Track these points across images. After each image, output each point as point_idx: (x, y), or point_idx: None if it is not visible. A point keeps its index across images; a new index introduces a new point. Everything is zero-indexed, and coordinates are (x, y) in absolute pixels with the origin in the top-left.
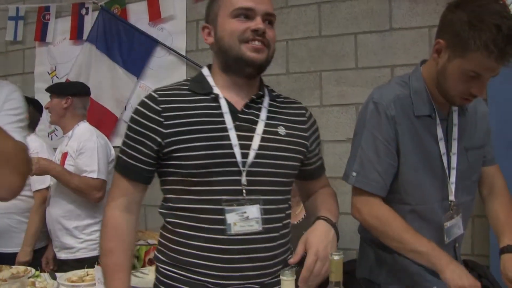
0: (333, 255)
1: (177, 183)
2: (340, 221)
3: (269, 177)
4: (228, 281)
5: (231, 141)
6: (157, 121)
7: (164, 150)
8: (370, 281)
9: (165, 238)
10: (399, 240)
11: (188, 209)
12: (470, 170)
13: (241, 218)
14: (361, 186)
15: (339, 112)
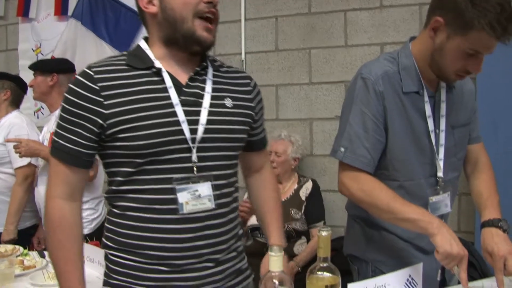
0: (321, 231)
1: (123, 164)
2: (328, 198)
3: (219, 152)
4: (182, 261)
5: (178, 117)
6: (96, 102)
7: (106, 132)
8: (358, 258)
9: (113, 223)
10: (389, 210)
11: (137, 190)
12: (456, 147)
13: (193, 196)
14: (349, 161)
15: (328, 89)
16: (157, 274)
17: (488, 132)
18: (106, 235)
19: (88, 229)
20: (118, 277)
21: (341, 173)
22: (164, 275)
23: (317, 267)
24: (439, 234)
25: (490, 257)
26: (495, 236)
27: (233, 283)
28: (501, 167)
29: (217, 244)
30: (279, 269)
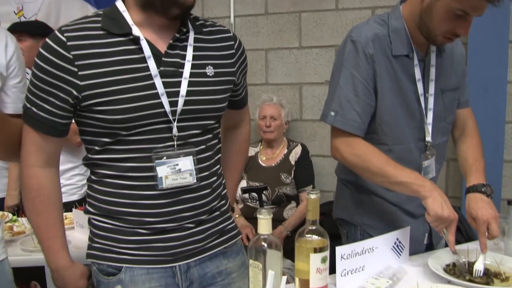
0: (309, 194)
1: (100, 135)
2: (318, 163)
3: (200, 122)
4: (162, 225)
5: (158, 90)
6: (70, 71)
7: (82, 104)
8: (347, 222)
9: (93, 189)
10: (382, 174)
11: (114, 159)
12: (445, 111)
13: (173, 171)
14: (339, 125)
15: (318, 54)
16: (137, 237)
17: (478, 98)
18: (87, 201)
19: (78, 195)
20: (100, 240)
21: (333, 138)
22: (144, 237)
23: (305, 230)
24: (430, 197)
25: (474, 222)
26: (479, 201)
27: (216, 243)
28: (490, 133)
29: (198, 207)
30: (267, 232)
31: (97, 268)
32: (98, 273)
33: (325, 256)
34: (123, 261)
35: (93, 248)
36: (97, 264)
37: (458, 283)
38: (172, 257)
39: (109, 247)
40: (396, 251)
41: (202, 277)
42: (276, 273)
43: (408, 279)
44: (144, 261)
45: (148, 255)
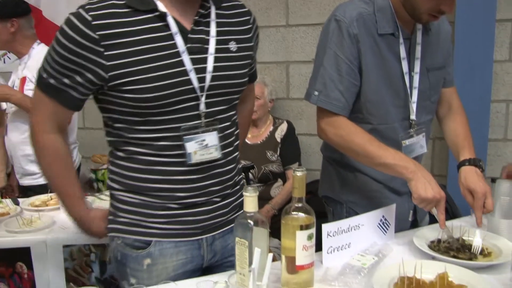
0: (295, 171)
1: (128, 114)
2: (305, 142)
3: (226, 97)
4: (191, 199)
5: (186, 67)
6: (96, 52)
7: (108, 84)
8: (332, 199)
9: (119, 166)
10: (365, 154)
11: (144, 138)
12: (431, 90)
13: (200, 146)
14: (323, 105)
15: (305, 32)
16: (167, 211)
17: (465, 77)
18: (111, 177)
19: None
20: (126, 215)
21: (319, 118)
22: (174, 212)
23: (291, 208)
24: (414, 179)
25: (470, 194)
26: (476, 175)
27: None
28: (475, 112)
29: (224, 181)
30: (254, 209)
31: (122, 242)
32: (124, 247)
33: (311, 233)
34: (152, 235)
35: (117, 223)
36: (122, 238)
37: (442, 259)
38: (200, 230)
39: (137, 221)
40: (382, 228)
41: (224, 248)
42: (263, 251)
43: (393, 255)
44: (173, 234)
45: (177, 228)
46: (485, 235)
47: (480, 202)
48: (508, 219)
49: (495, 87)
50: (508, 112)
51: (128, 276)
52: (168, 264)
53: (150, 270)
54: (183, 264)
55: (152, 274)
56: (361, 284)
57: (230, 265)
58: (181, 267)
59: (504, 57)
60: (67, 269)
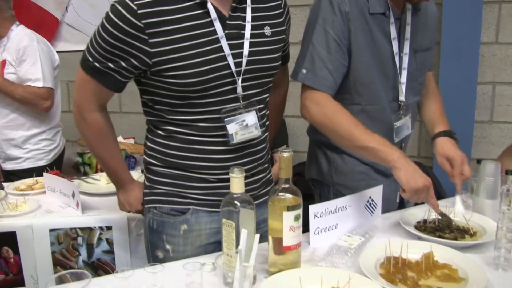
0: (282, 152)
1: (169, 97)
2: (292, 124)
3: (260, 80)
4: (227, 176)
5: (224, 52)
6: (141, 39)
7: (152, 69)
8: (319, 182)
9: (158, 143)
10: (349, 137)
11: (185, 120)
12: (418, 72)
13: (241, 126)
14: (310, 83)
15: (293, 13)
16: (203, 183)
17: (451, 58)
18: (149, 153)
19: (45, 160)
20: (163, 187)
21: (303, 96)
22: (210, 184)
23: (278, 189)
24: (401, 168)
25: (448, 162)
26: (452, 145)
27: (264, 192)
28: (462, 94)
29: (258, 159)
30: (240, 190)
31: (159, 211)
32: (160, 215)
33: (298, 214)
34: (189, 204)
35: (155, 194)
36: (159, 208)
37: (428, 239)
38: None
39: (175, 192)
40: (369, 209)
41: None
42: (249, 232)
43: (380, 236)
44: (208, 204)
45: (213, 200)
46: (471, 216)
47: (459, 169)
48: (492, 200)
49: (482, 69)
50: (494, 94)
51: (163, 243)
52: (203, 231)
53: (186, 236)
54: (215, 233)
55: (187, 240)
56: (347, 264)
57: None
58: (213, 236)
59: (491, 39)
60: (54, 253)
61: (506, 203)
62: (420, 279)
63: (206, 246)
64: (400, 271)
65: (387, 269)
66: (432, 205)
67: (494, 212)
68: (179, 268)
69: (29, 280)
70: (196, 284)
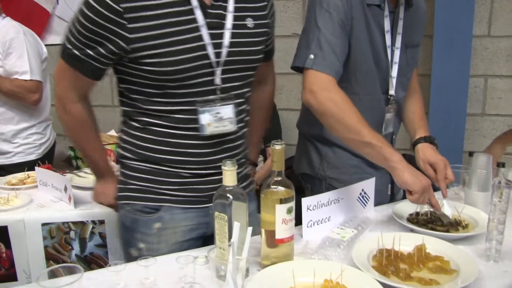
0: (274, 145)
1: (146, 86)
2: (285, 117)
3: (240, 73)
4: (203, 171)
5: (204, 41)
6: (119, 24)
7: (129, 55)
8: (311, 176)
9: (133, 136)
10: (356, 131)
11: (161, 110)
12: (407, 67)
13: (215, 118)
14: (319, 68)
15: (285, 6)
16: (178, 179)
17: (444, 51)
18: (123, 146)
19: (36, 154)
20: (137, 182)
21: (308, 81)
22: (185, 179)
23: (271, 181)
24: (404, 170)
25: (431, 168)
26: (433, 150)
27: (242, 186)
28: (454, 87)
29: (235, 155)
30: (232, 183)
31: (132, 208)
32: (133, 212)
33: (290, 206)
34: (163, 201)
35: (128, 190)
36: (132, 205)
37: (420, 231)
38: (208, 198)
39: (148, 188)
40: (361, 202)
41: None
42: (242, 225)
43: (372, 228)
44: (182, 201)
45: (187, 196)
46: (463, 208)
47: (443, 174)
48: (484, 192)
49: (474, 62)
50: (486, 87)
51: (137, 242)
52: (178, 229)
53: (160, 234)
54: (191, 230)
55: (161, 238)
56: (340, 256)
57: None
58: (189, 233)
59: (483, 32)
60: (46, 247)
61: (497, 195)
62: (412, 271)
63: (181, 243)
64: (392, 263)
65: (380, 261)
66: (434, 204)
67: (486, 205)
68: (172, 261)
69: (22, 275)
70: (189, 277)
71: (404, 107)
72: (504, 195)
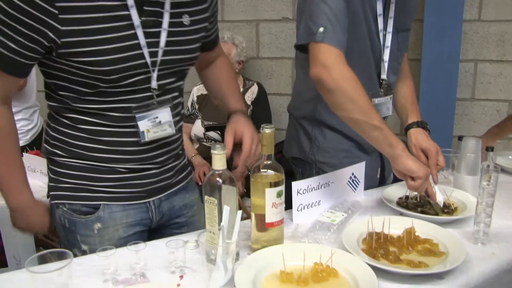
0: (264, 129)
1: (76, 83)
2: (275, 102)
3: (177, 70)
4: (140, 166)
5: (139, 41)
6: (49, 13)
7: (59, 50)
8: (301, 160)
9: (62, 133)
10: (367, 113)
11: (94, 108)
12: (398, 51)
13: (153, 123)
14: (330, 42)
15: None
16: (115, 175)
17: (435, 36)
18: (52, 143)
19: (24, 141)
20: (70, 180)
21: (320, 55)
22: (122, 175)
23: (261, 165)
24: (408, 157)
25: (423, 153)
26: (425, 136)
27: (180, 178)
28: (445, 71)
29: (172, 150)
30: (222, 167)
31: (68, 208)
32: (70, 214)
33: (280, 190)
34: (101, 199)
35: (61, 189)
36: (67, 205)
37: (409, 215)
38: (147, 193)
39: (83, 186)
40: (352, 186)
41: (171, 209)
42: (232, 209)
43: (362, 212)
44: (121, 198)
45: (125, 192)
46: (452, 191)
47: (435, 160)
48: (473, 176)
49: (464, 47)
50: (476, 72)
51: (78, 243)
52: (119, 226)
53: (101, 234)
54: (133, 226)
55: (104, 237)
56: (330, 240)
57: (177, 226)
58: (131, 228)
59: (473, 17)
60: (36, 234)
61: (486, 179)
62: (401, 254)
63: (126, 238)
64: (382, 246)
65: (369, 245)
66: (430, 194)
67: (474, 188)
68: (162, 246)
69: (12, 261)
70: (179, 262)
71: (396, 92)
72: (493, 178)
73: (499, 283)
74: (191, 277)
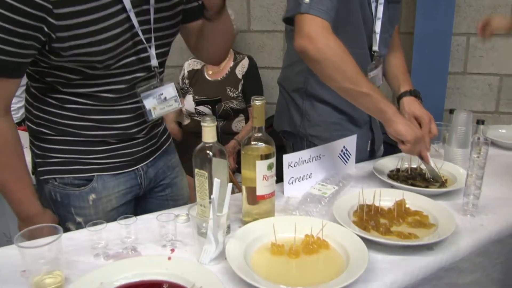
0: (255, 101)
1: (68, 71)
2: (266, 75)
3: (168, 40)
4: (128, 136)
5: (133, 22)
6: (44, 8)
7: (55, 44)
8: (292, 133)
9: (49, 112)
10: (354, 80)
11: (86, 91)
12: (389, 23)
13: (159, 100)
14: (316, 13)
15: None
16: (105, 146)
17: (428, 10)
18: (36, 121)
19: (16, 118)
20: (60, 155)
21: (305, 26)
22: (112, 146)
23: (251, 138)
24: (398, 121)
25: (415, 121)
26: (418, 104)
27: (162, 141)
28: (438, 45)
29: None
30: (212, 140)
31: (59, 182)
32: (63, 187)
33: (271, 163)
34: (93, 170)
35: (50, 164)
36: (58, 179)
37: (400, 187)
38: (135, 161)
39: (75, 159)
40: (343, 159)
41: (156, 174)
42: (222, 181)
43: (353, 185)
44: (112, 167)
45: (116, 162)
46: (442, 164)
47: (427, 127)
48: (463, 149)
49: (457, 20)
50: (468, 46)
51: (72, 216)
52: (112, 196)
53: (96, 204)
54: (124, 195)
55: (98, 208)
56: (321, 212)
57: (161, 189)
58: (123, 197)
59: None
60: None
61: (476, 151)
62: (392, 226)
63: (117, 208)
64: (373, 218)
65: (360, 217)
66: (424, 157)
67: (465, 161)
68: (153, 220)
69: (2, 238)
70: (170, 235)
71: (387, 63)
72: (483, 151)
73: (486, 254)
74: (182, 251)
